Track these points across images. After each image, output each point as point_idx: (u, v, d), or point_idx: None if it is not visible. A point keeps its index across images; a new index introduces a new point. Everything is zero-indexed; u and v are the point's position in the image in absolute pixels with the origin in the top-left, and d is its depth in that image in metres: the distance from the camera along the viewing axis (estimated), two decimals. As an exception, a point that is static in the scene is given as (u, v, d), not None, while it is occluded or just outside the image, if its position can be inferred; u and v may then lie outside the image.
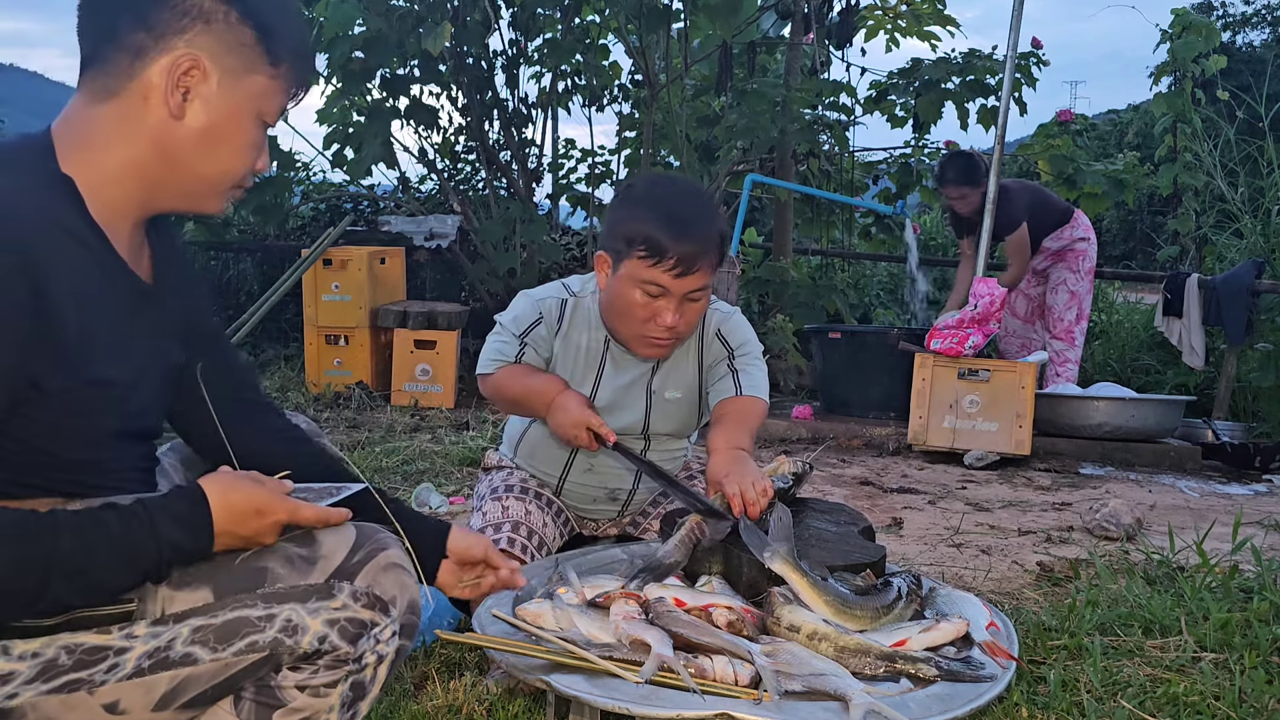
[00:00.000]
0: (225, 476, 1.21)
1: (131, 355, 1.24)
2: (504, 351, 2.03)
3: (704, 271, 1.86)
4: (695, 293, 1.87)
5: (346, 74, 5.88)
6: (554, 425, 1.93)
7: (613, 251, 1.91)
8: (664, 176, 2.30)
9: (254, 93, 1.25)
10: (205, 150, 1.24)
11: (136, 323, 1.26)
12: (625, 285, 1.88)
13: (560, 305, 2.05)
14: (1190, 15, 6.71)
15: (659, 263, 1.82)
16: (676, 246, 1.81)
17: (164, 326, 1.32)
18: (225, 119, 1.24)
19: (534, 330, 2.03)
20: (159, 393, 1.33)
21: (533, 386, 1.98)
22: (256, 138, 1.28)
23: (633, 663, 1.42)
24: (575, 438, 1.89)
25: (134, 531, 1.12)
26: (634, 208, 1.89)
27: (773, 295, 6.32)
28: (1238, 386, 5.52)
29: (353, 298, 5.64)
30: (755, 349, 2.09)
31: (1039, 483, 4.18)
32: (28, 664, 1.14)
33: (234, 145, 1.26)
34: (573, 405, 1.90)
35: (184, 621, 1.18)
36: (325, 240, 5.84)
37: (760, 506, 1.74)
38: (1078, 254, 5.21)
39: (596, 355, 2.05)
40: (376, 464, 3.88)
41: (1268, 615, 2.11)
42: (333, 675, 1.22)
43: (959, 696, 1.42)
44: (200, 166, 1.25)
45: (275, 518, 1.20)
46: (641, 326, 1.90)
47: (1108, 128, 16.90)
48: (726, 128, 6.36)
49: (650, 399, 2.07)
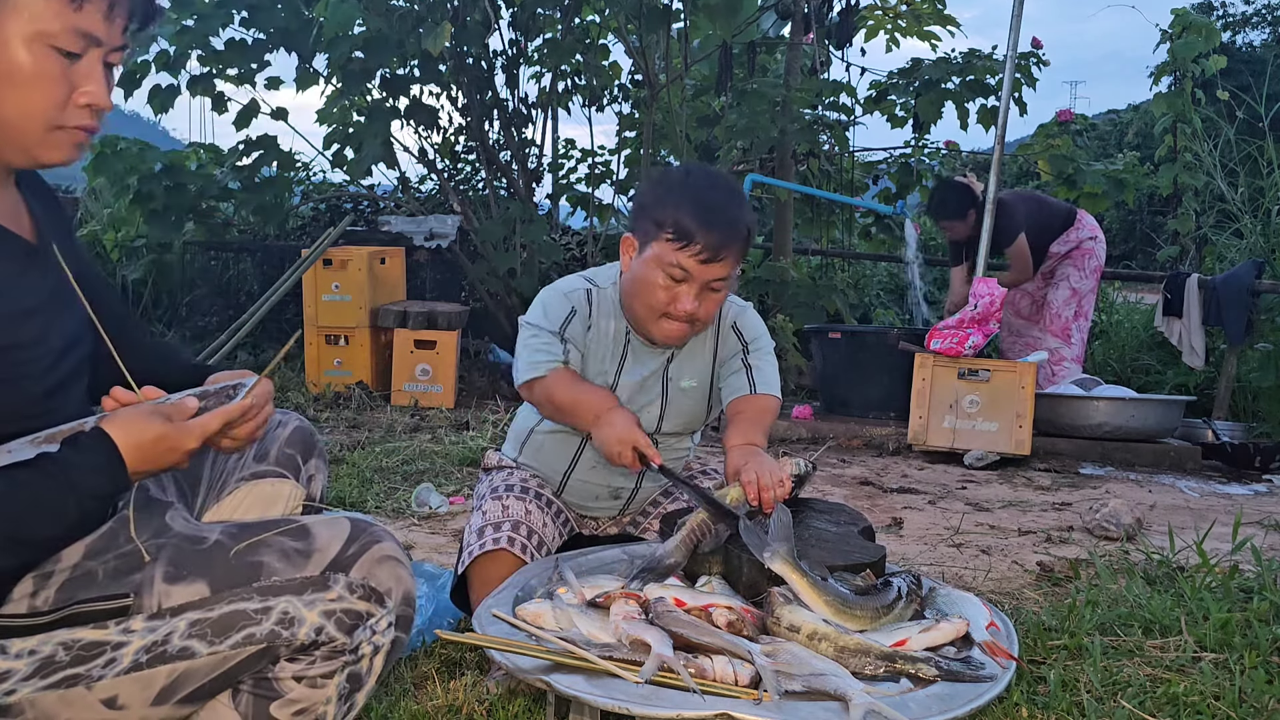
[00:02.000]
0: (130, 417, 1.20)
1: (32, 314, 1.23)
2: (550, 352, 1.99)
3: (728, 261, 1.89)
4: (717, 282, 1.90)
5: (346, 74, 5.88)
6: (599, 439, 1.91)
7: (641, 233, 1.94)
8: (699, 166, 2.31)
9: (28, 15, 1.14)
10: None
11: (27, 281, 1.25)
12: (650, 267, 1.91)
13: (586, 295, 2.06)
14: (1190, 15, 6.71)
15: (686, 246, 1.86)
16: (705, 233, 1.85)
17: (59, 277, 1.30)
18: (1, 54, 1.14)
19: (570, 324, 2.02)
20: (74, 338, 1.31)
21: (583, 398, 1.95)
22: (47, 67, 1.16)
23: (633, 663, 1.42)
24: (620, 455, 1.88)
25: (54, 491, 1.13)
26: (668, 192, 1.92)
27: (773, 295, 6.32)
28: (1238, 386, 5.52)
29: (353, 298, 5.64)
30: (768, 344, 2.11)
31: (1039, 483, 4.18)
32: (25, 661, 1.14)
33: (17, 79, 1.15)
34: (620, 422, 1.88)
35: (180, 615, 1.18)
36: (325, 240, 5.84)
37: (777, 496, 1.76)
38: (1085, 252, 5.20)
39: (620, 345, 2.06)
40: (377, 464, 3.88)
41: (1268, 615, 2.11)
42: (329, 666, 1.23)
43: (959, 696, 1.42)
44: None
45: (185, 447, 1.21)
46: (660, 309, 1.92)
47: (1108, 128, 16.91)
48: (726, 128, 6.36)
49: (667, 389, 2.08)
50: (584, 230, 7.21)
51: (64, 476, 1.14)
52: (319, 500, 1.63)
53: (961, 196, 5.10)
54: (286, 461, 1.59)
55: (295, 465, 1.60)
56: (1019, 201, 5.19)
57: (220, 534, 1.26)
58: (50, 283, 1.29)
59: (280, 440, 1.61)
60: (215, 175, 6.73)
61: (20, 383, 1.21)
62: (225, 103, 6.37)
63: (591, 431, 1.93)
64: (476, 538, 1.97)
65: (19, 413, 1.21)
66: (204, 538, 1.25)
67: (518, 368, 2.02)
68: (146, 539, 1.23)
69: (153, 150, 6.53)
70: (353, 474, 3.66)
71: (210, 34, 6.03)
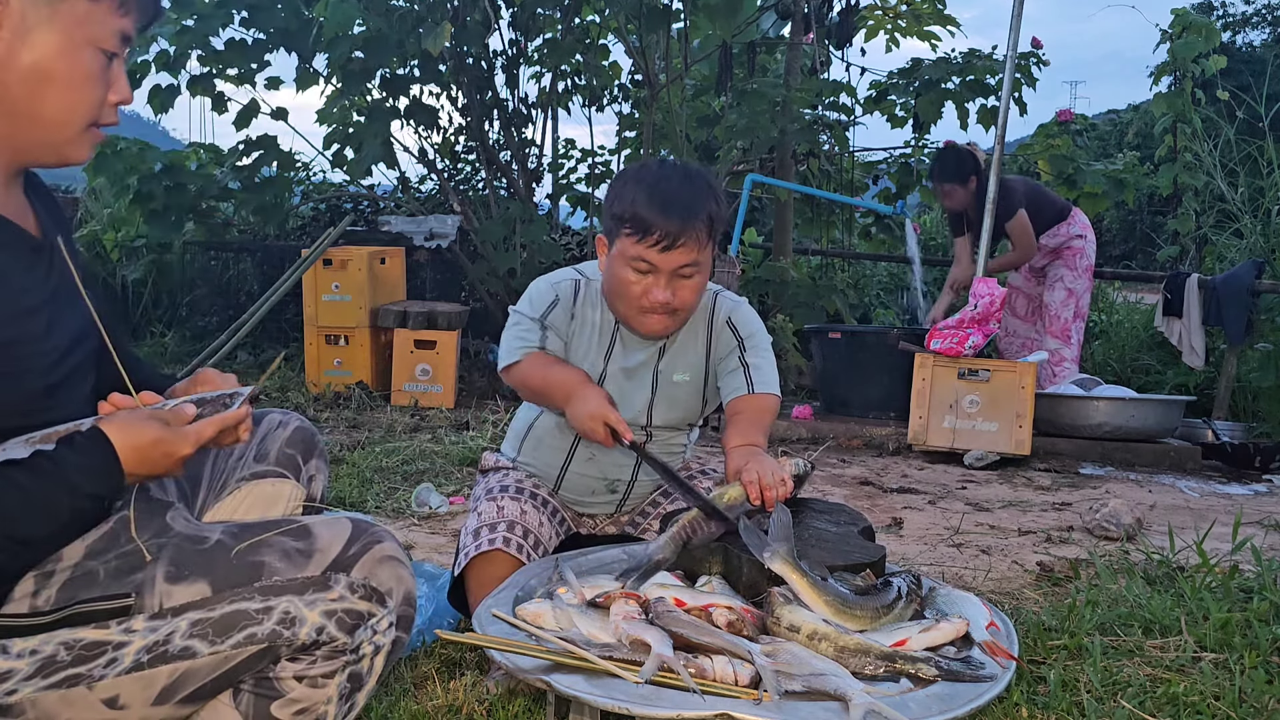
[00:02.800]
0: (128, 420, 1.21)
1: (36, 310, 1.24)
2: (526, 338, 2.04)
3: (689, 247, 1.89)
4: (685, 268, 1.91)
5: (346, 74, 5.88)
6: (572, 416, 1.94)
7: (606, 231, 1.99)
8: (657, 159, 2.33)
9: (76, 18, 1.18)
10: (38, 91, 1.19)
11: (33, 276, 1.25)
12: (618, 264, 1.94)
13: (574, 285, 2.09)
14: (1190, 15, 6.71)
15: (644, 238, 1.88)
16: (660, 222, 1.87)
17: (63, 275, 1.31)
18: (52, 53, 1.18)
19: (552, 311, 2.06)
20: (78, 337, 1.32)
21: (554, 378, 1.99)
22: (93, 68, 1.21)
23: (633, 663, 1.42)
24: (592, 431, 1.90)
25: (48, 489, 1.14)
26: (624, 187, 1.95)
27: (773, 295, 6.32)
28: (1238, 386, 5.52)
29: (353, 298, 5.64)
30: (765, 340, 2.12)
31: (1039, 483, 4.18)
32: (26, 661, 1.14)
33: (69, 80, 1.19)
34: (592, 398, 1.91)
35: (182, 615, 1.18)
36: (325, 240, 5.84)
37: (778, 495, 1.77)
38: (1075, 251, 5.20)
39: (608, 335, 2.08)
40: (377, 464, 3.88)
41: (1268, 615, 2.11)
42: (330, 666, 1.23)
43: (959, 696, 1.42)
44: (40, 110, 1.20)
45: (180, 453, 1.22)
46: (636, 303, 1.95)
47: (1108, 128, 16.90)
48: (726, 128, 6.36)
49: (657, 382, 2.09)
50: (584, 230, 7.21)
51: (60, 475, 1.14)
52: (319, 500, 1.63)
53: (964, 161, 5.08)
54: (287, 462, 1.59)
55: (296, 465, 1.60)
56: (1018, 182, 5.20)
57: (221, 534, 1.26)
58: (54, 281, 1.29)
59: (281, 440, 1.61)
60: (215, 175, 6.73)
61: (23, 378, 1.21)
62: (225, 103, 6.37)
63: (565, 409, 1.96)
64: (472, 539, 1.98)
65: (20, 408, 1.21)
66: (205, 538, 1.25)
67: (499, 354, 2.07)
68: (148, 539, 1.23)
69: (153, 150, 6.52)
70: (353, 474, 3.66)
71: (210, 34, 6.02)
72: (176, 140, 9.98)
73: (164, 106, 6.28)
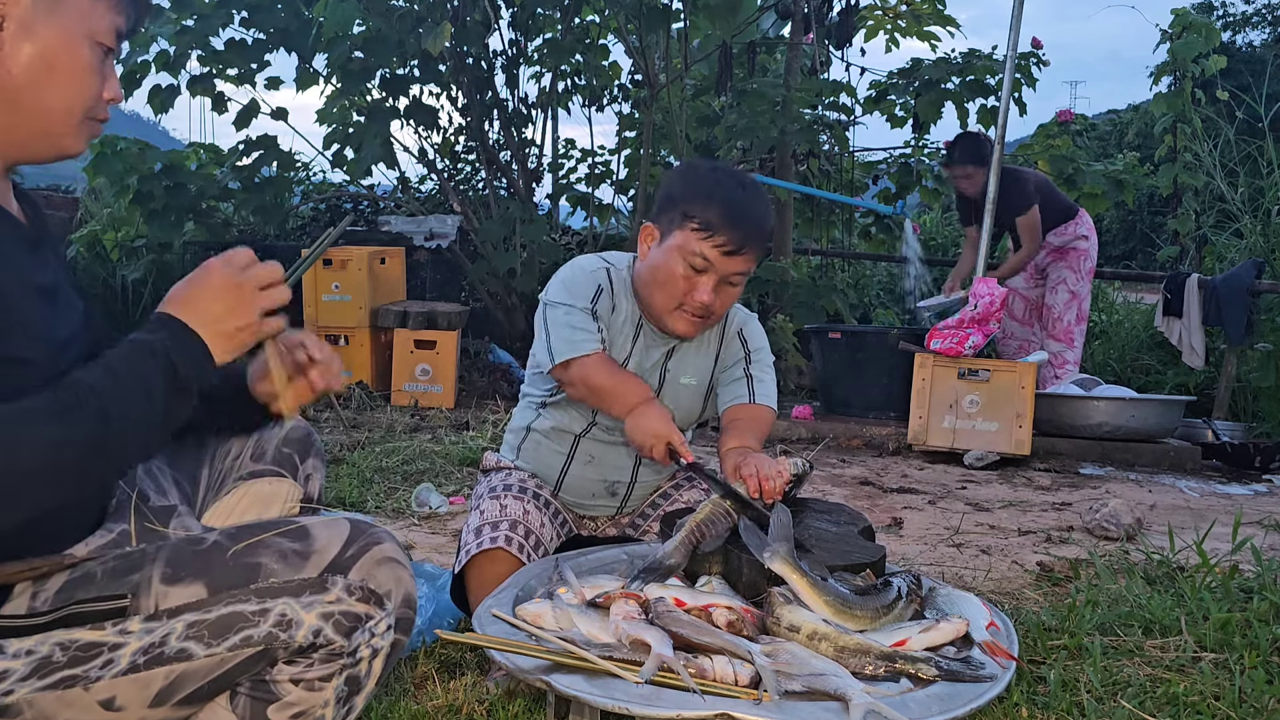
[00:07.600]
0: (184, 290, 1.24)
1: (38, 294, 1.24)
2: (590, 331, 1.98)
3: (749, 257, 1.93)
4: (735, 276, 1.94)
5: (346, 74, 5.88)
6: (631, 429, 1.92)
7: (665, 222, 1.97)
8: (726, 164, 2.35)
9: (78, 12, 1.22)
10: (41, 80, 1.21)
11: (37, 259, 1.26)
12: (671, 256, 1.93)
13: (607, 274, 2.07)
14: (1190, 15, 6.71)
15: (711, 237, 1.89)
16: (732, 225, 1.89)
17: (57, 273, 1.31)
18: (55, 45, 1.21)
19: (600, 302, 2.02)
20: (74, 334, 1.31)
21: (621, 386, 1.95)
22: (92, 61, 1.24)
23: (633, 663, 1.42)
24: (652, 448, 1.89)
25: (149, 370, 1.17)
26: (698, 184, 1.95)
27: (773, 295, 6.32)
28: (1238, 386, 5.52)
29: (353, 298, 5.64)
30: (769, 357, 2.17)
31: (1039, 483, 4.18)
32: (23, 661, 1.14)
33: (70, 71, 1.22)
34: (655, 416, 1.90)
35: (178, 617, 1.17)
36: (325, 240, 5.77)
37: (778, 488, 1.80)
38: (1079, 253, 5.20)
39: (633, 328, 2.06)
40: (377, 464, 3.88)
41: (1268, 615, 2.11)
42: (327, 669, 1.22)
43: (959, 696, 1.42)
44: (43, 99, 1.22)
45: (253, 301, 1.30)
46: (677, 298, 1.94)
47: (1108, 128, 16.91)
48: (726, 128, 6.36)
49: (664, 382, 2.08)
50: (584, 230, 7.21)
51: (164, 355, 1.17)
52: (317, 499, 1.63)
53: (983, 144, 5.06)
54: (284, 460, 1.59)
55: (293, 464, 1.60)
56: (1031, 175, 5.18)
57: (219, 535, 1.25)
58: (50, 277, 1.29)
59: (277, 439, 1.60)
60: (215, 175, 6.73)
61: (25, 366, 1.21)
62: (225, 103, 6.36)
63: (625, 420, 1.93)
64: (474, 537, 1.97)
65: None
66: (202, 539, 1.25)
67: (555, 345, 1.98)
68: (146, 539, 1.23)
69: (153, 150, 6.52)
70: (353, 474, 3.65)
71: (210, 34, 6.02)
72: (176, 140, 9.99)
73: (164, 106, 6.28)
